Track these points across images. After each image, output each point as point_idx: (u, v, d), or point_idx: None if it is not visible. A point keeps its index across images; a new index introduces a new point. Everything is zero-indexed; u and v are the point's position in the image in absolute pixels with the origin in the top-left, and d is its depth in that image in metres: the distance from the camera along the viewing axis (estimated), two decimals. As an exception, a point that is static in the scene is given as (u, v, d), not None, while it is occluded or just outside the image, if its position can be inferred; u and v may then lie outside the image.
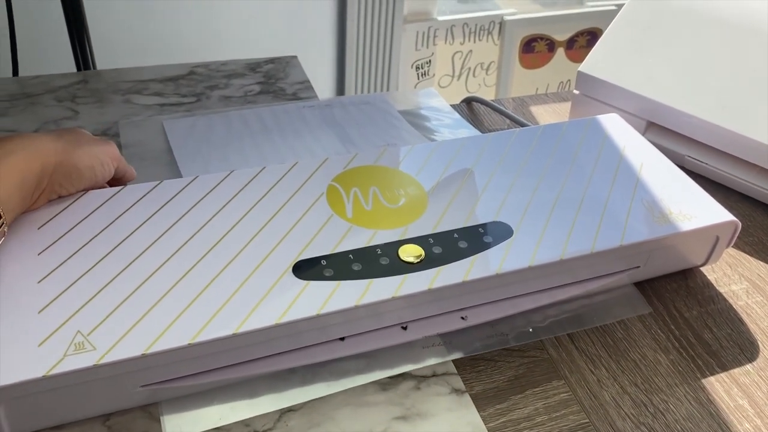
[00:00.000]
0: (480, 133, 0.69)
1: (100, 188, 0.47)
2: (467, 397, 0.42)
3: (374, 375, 0.42)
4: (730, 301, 0.51)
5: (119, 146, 0.62)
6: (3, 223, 0.39)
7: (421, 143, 0.55)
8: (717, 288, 0.52)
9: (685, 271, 0.54)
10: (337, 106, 0.72)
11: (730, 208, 0.60)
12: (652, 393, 0.43)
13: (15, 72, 0.93)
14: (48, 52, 1.27)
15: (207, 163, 0.61)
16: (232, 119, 0.68)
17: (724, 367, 0.46)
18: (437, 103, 0.75)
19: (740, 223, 0.50)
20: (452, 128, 0.70)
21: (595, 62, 0.69)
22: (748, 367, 0.46)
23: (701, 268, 0.54)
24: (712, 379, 0.45)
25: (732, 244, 0.52)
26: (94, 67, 1.00)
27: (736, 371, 0.45)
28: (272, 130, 0.66)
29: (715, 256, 0.52)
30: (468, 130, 0.70)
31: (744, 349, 0.47)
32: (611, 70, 0.68)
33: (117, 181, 0.49)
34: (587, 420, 0.41)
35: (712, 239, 0.51)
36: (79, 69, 0.99)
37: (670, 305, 0.50)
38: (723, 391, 0.44)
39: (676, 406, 0.43)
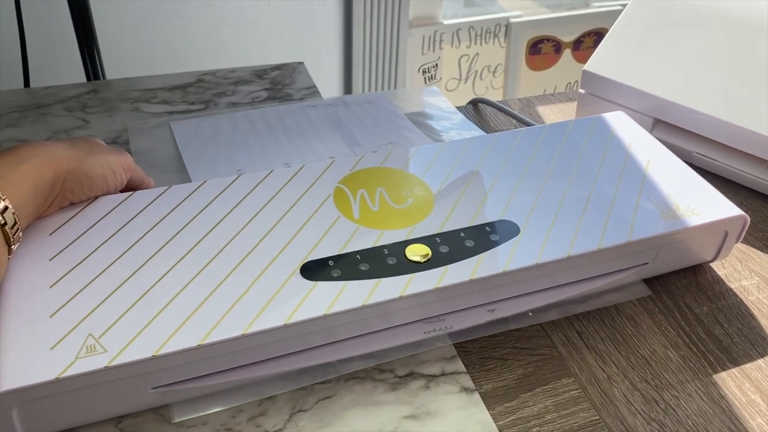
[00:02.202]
0: (484, 133, 0.69)
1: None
2: (477, 396, 0.42)
3: (379, 361, 0.43)
4: (741, 296, 0.51)
5: (129, 154, 0.63)
6: (18, 229, 0.40)
7: (427, 144, 0.55)
8: (727, 283, 0.52)
9: (695, 267, 0.53)
10: (341, 105, 0.73)
11: (739, 204, 0.60)
12: (663, 389, 0.43)
13: (26, 83, 0.94)
14: (58, 64, 1.28)
15: (214, 163, 0.62)
16: (238, 120, 0.69)
17: (736, 363, 0.45)
18: (440, 102, 0.75)
19: (749, 218, 0.50)
20: (456, 126, 0.70)
21: (601, 61, 0.69)
22: (760, 362, 0.46)
23: (711, 264, 0.54)
24: (723, 374, 0.45)
25: (741, 239, 0.51)
26: (104, 77, 1.02)
27: (747, 366, 0.45)
28: (277, 130, 0.67)
29: (725, 251, 0.52)
30: (472, 129, 0.70)
31: (755, 344, 0.47)
32: (617, 69, 0.68)
33: (134, 190, 0.50)
34: (597, 417, 0.41)
35: (720, 234, 0.50)
36: (88, 79, 1.00)
37: (680, 301, 0.50)
38: (735, 386, 0.44)
39: (688, 402, 0.42)
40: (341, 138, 0.66)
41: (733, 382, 0.44)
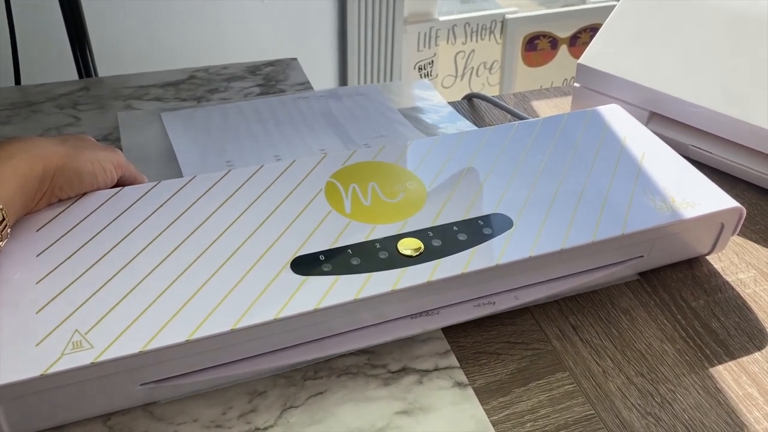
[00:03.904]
0: (476, 127, 0.69)
1: None
2: (470, 391, 0.41)
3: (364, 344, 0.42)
4: (738, 289, 0.51)
5: (120, 149, 0.62)
6: (6, 225, 0.39)
7: (421, 138, 0.55)
8: (724, 277, 0.52)
9: (692, 261, 0.53)
10: (332, 97, 0.72)
11: (736, 197, 0.59)
12: (659, 383, 0.43)
13: (17, 81, 0.94)
14: (50, 61, 1.28)
15: (204, 155, 0.61)
16: (229, 111, 0.69)
17: (733, 356, 0.45)
18: (431, 95, 0.75)
19: (745, 210, 0.49)
20: (448, 120, 0.70)
21: (595, 54, 0.69)
22: (757, 355, 0.45)
23: (708, 257, 0.53)
24: (720, 367, 0.44)
25: (737, 231, 0.51)
26: (96, 74, 1.01)
27: (744, 360, 0.45)
28: (269, 121, 0.67)
29: (721, 244, 0.51)
30: (464, 122, 0.69)
31: (752, 338, 0.46)
32: (612, 62, 0.68)
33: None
34: (592, 411, 0.41)
35: (716, 227, 0.50)
36: (80, 76, 1.00)
37: (676, 295, 0.50)
38: (731, 379, 0.43)
39: (684, 396, 0.42)
40: (332, 130, 0.66)
41: (729, 375, 0.44)
